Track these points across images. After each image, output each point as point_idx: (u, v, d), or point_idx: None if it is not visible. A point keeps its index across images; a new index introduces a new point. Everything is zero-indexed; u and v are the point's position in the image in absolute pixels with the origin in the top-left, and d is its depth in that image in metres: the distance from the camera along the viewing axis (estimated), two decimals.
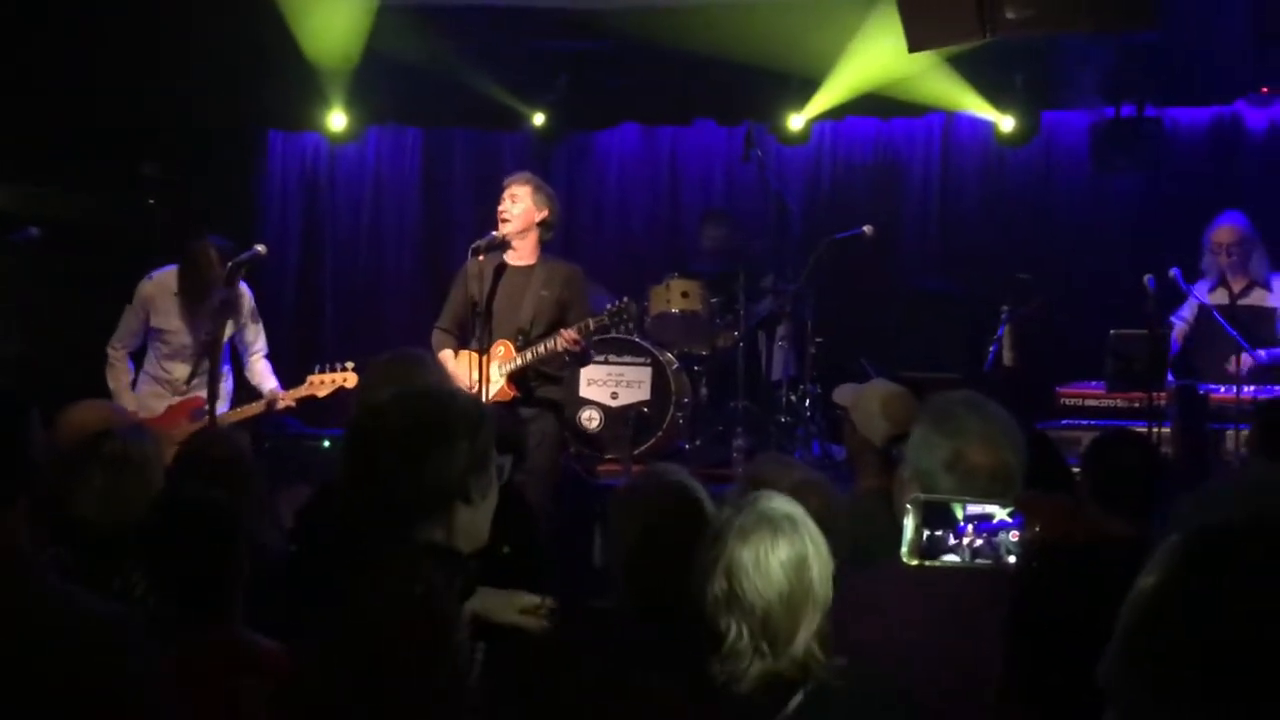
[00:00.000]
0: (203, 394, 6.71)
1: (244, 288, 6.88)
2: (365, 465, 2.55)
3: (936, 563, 2.23)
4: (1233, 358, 6.94)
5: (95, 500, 3.29)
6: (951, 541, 2.21)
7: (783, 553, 2.51)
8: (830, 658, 2.52)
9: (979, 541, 2.21)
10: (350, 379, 6.51)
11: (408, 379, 3.81)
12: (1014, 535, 2.19)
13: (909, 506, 2.23)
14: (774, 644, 2.49)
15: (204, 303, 6.77)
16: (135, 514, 3.20)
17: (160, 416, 6.73)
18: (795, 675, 2.50)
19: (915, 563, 2.23)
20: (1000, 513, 2.20)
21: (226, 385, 6.91)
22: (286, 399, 6.70)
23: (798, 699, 2.47)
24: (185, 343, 6.87)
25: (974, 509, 2.22)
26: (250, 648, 2.93)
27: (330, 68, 9.04)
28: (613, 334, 6.17)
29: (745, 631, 2.49)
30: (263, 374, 6.94)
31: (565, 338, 6.03)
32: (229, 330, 6.77)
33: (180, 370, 6.88)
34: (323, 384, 6.59)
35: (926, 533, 2.22)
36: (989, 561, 2.23)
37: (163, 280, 6.89)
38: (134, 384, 6.92)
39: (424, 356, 4.07)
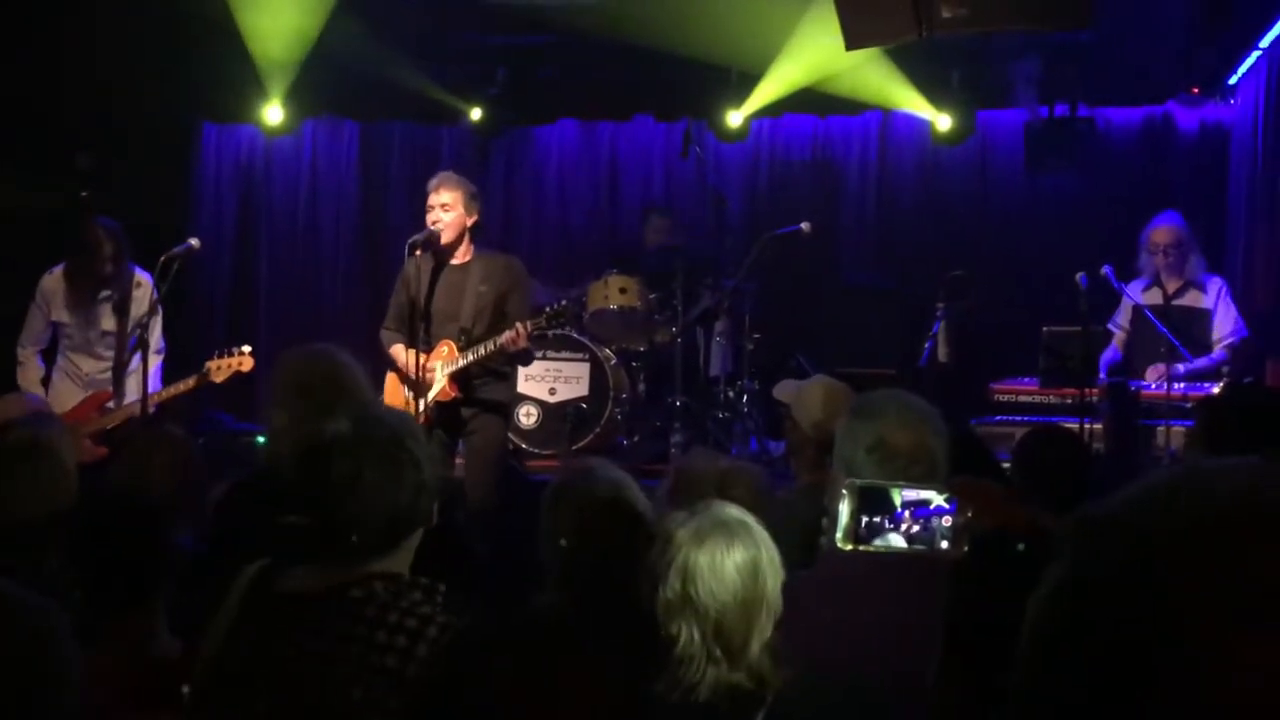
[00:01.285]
0: (109, 389, 6.62)
1: (145, 277, 6.70)
2: (339, 491, 2.54)
3: (871, 548, 2.23)
4: (1157, 367, 7.04)
5: (11, 493, 3.23)
6: (888, 527, 2.21)
7: (738, 556, 2.52)
8: (778, 668, 2.53)
9: (916, 527, 2.20)
10: (246, 363, 6.35)
11: (321, 372, 3.80)
12: (947, 521, 2.19)
13: (844, 492, 2.23)
14: (727, 649, 2.50)
15: (95, 288, 6.70)
16: (53, 500, 3.17)
17: (69, 411, 6.56)
18: (752, 686, 2.50)
19: (850, 548, 2.23)
20: (937, 498, 2.20)
21: (156, 368, 6.75)
22: (185, 386, 6.42)
23: (760, 716, 2.47)
24: (89, 335, 6.77)
25: (911, 495, 2.21)
26: (172, 648, 2.89)
27: (274, 62, 8.96)
28: (550, 333, 6.14)
29: (697, 635, 2.49)
30: (151, 375, 6.71)
31: (506, 339, 5.99)
32: (132, 321, 6.61)
33: (88, 364, 6.78)
34: (219, 369, 6.36)
35: (864, 519, 2.21)
36: (924, 547, 2.23)
37: (60, 273, 6.83)
38: (47, 380, 6.80)
39: (337, 350, 4.03)
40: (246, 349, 6.38)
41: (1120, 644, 0.92)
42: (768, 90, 9.06)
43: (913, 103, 9.02)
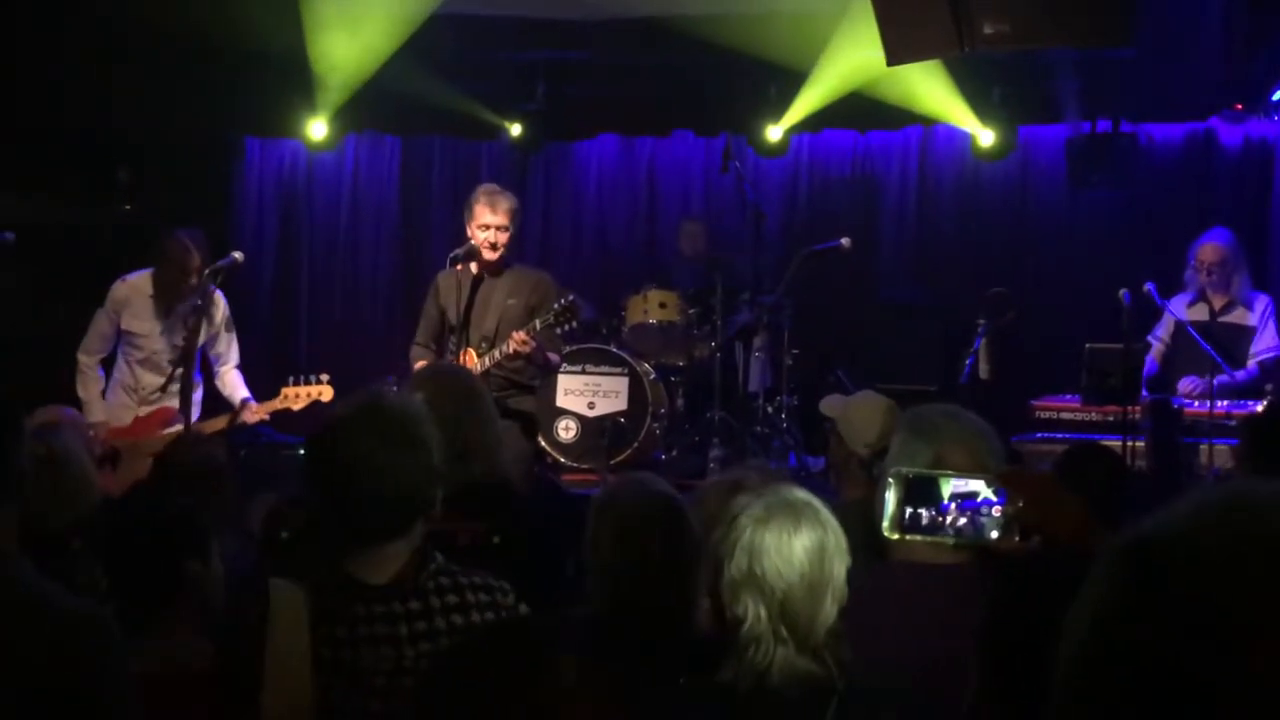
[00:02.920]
0: (173, 403, 6.58)
1: (219, 295, 6.70)
2: (354, 470, 2.60)
3: (917, 537, 2.21)
4: (1189, 381, 7.01)
5: (33, 505, 3.24)
6: (934, 518, 2.19)
7: (805, 538, 2.53)
8: (846, 653, 2.53)
9: (962, 520, 2.19)
10: (326, 392, 6.37)
11: (458, 388, 3.84)
12: (996, 511, 2.17)
13: (890, 480, 2.21)
14: (793, 630, 2.49)
15: (180, 301, 6.63)
16: (75, 509, 3.19)
17: (128, 427, 6.57)
18: (823, 674, 2.49)
19: (895, 537, 2.22)
20: (985, 490, 2.18)
21: (196, 395, 6.65)
22: (259, 411, 6.49)
23: (832, 707, 2.47)
24: (158, 347, 6.68)
25: (959, 486, 2.19)
26: (203, 655, 2.90)
27: (334, 82, 9.03)
28: (558, 330, 6.13)
29: (764, 613, 2.49)
30: (234, 384, 6.74)
31: (514, 340, 6.00)
32: (203, 336, 6.59)
33: (150, 379, 6.69)
34: (297, 397, 6.40)
35: (909, 509, 2.20)
36: (970, 539, 2.21)
37: (137, 283, 6.73)
38: (105, 393, 6.72)
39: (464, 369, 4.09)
40: (325, 377, 6.40)
41: (1170, 667, 0.91)
42: (808, 101, 9.03)
43: (954, 114, 8.98)
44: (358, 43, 8.79)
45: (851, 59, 8.43)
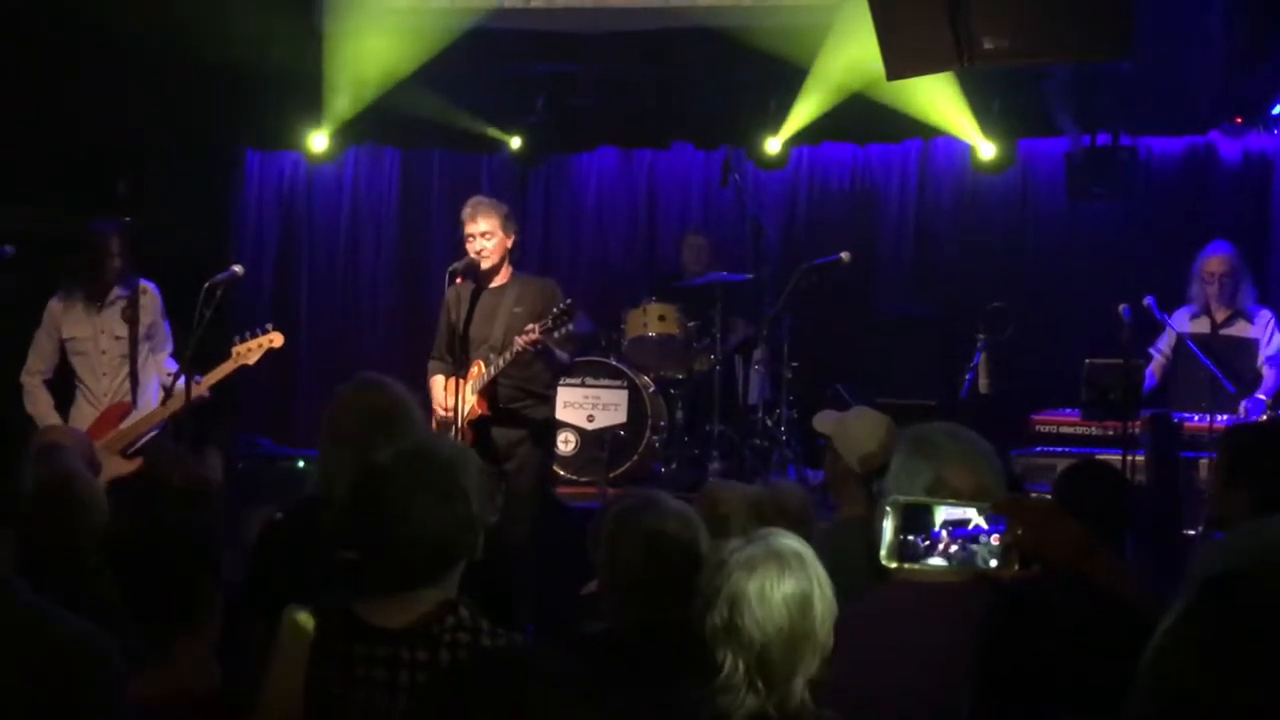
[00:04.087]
0: (126, 399, 6.58)
1: (150, 285, 6.69)
2: (391, 519, 2.55)
3: (916, 566, 2.21)
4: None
5: (44, 526, 3.22)
6: (927, 545, 2.20)
7: (787, 587, 2.50)
8: (821, 709, 2.51)
9: (954, 547, 2.19)
10: (276, 339, 6.26)
11: (375, 402, 3.78)
12: (995, 540, 2.17)
13: (887, 509, 2.22)
14: (769, 681, 2.48)
15: (107, 289, 6.64)
16: (87, 525, 3.18)
17: (88, 431, 6.54)
18: (779, 717, 2.48)
19: (894, 565, 2.22)
20: (976, 518, 2.18)
21: (152, 390, 6.63)
22: (218, 375, 6.29)
23: None
24: (104, 347, 6.67)
25: (951, 514, 2.20)
26: (214, 677, 2.89)
27: (347, 98, 9.04)
28: (556, 334, 6.12)
29: (741, 665, 2.48)
30: (172, 370, 6.62)
31: (519, 341, 6.00)
32: (142, 327, 6.57)
33: (100, 384, 6.67)
34: (249, 351, 6.27)
35: (903, 537, 2.20)
36: (967, 566, 2.21)
37: (66, 295, 6.78)
38: (66, 409, 6.69)
39: (386, 379, 4.01)
40: (270, 326, 6.35)
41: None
42: (807, 112, 9.00)
43: (954, 126, 8.96)
44: (377, 61, 8.81)
45: (850, 70, 8.42)
